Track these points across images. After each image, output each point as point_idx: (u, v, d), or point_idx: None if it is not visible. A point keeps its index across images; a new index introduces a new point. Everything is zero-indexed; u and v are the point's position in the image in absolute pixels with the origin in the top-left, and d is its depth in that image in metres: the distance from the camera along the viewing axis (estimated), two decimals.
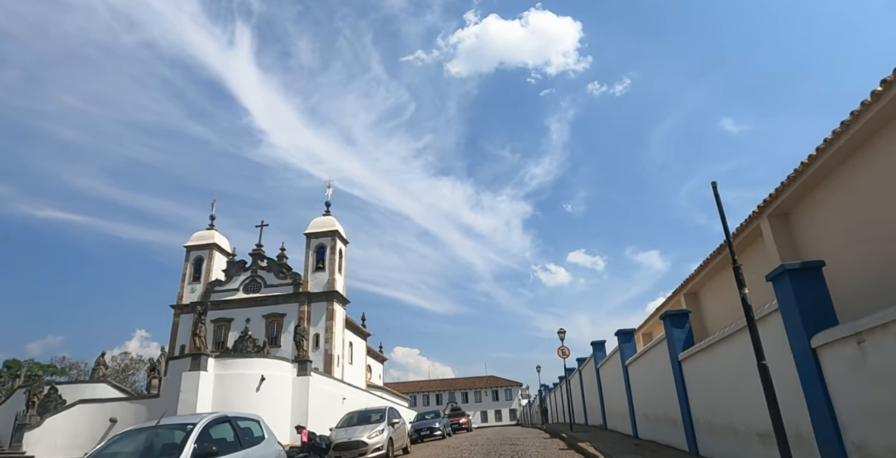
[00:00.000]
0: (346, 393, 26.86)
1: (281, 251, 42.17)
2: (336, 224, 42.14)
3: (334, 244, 41.18)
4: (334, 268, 40.30)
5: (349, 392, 27.59)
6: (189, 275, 42.36)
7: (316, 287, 39.86)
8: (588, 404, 21.24)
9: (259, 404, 18.89)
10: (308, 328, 38.62)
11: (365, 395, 32.05)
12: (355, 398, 28.84)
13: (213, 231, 44.36)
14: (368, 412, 14.55)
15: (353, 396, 28.83)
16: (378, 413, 14.00)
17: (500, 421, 77.75)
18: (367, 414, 14.28)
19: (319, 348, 38.10)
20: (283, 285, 40.19)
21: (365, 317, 53.60)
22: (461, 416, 32.00)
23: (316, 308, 39.27)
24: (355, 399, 28.81)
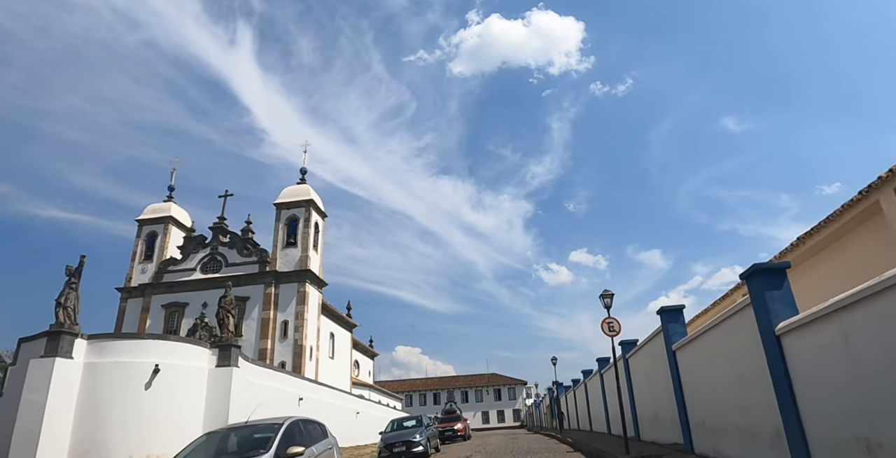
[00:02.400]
0: (306, 392, 21.36)
1: (246, 225, 36.63)
2: (311, 193, 36.54)
3: (308, 216, 35.58)
4: (308, 244, 34.72)
5: (310, 391, 22.05)
6: (140, 253, 36.86)
7: (286, 266, 34.31)
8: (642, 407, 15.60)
9: (150, 405, 13.33)
10: (274, 314, 33.15)
11: (339, 396, 26.54)
12: (321, 400, 23.31)
13: (170, 203, 38.83)
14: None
15: (319, 396, 23.30)
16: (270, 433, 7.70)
17: (502, 422, 72.23)
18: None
19: (287, 338, 32.59)
20: (247, 263, 34.67)
21: (350, 306, 48.15)
22: (456, 420, 26.41)
23: (285, 291, 33.73)
24: (321, 401, 23.29)
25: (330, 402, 24.57)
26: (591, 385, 20.63)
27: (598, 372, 18.73)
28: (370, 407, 32.09)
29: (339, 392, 27.03)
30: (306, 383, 22.41)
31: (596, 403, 19.84)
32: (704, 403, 8.86)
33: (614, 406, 16.39)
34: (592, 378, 20.43)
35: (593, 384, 20.31)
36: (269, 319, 32.69)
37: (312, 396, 22.38)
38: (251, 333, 32.71)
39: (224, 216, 36.93)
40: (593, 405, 20.59)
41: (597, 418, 19.98)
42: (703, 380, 8.91)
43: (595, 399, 19.92)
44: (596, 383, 19.41)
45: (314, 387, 23.17)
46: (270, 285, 33.63)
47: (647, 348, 12.03)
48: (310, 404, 21.71)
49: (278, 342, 32.49)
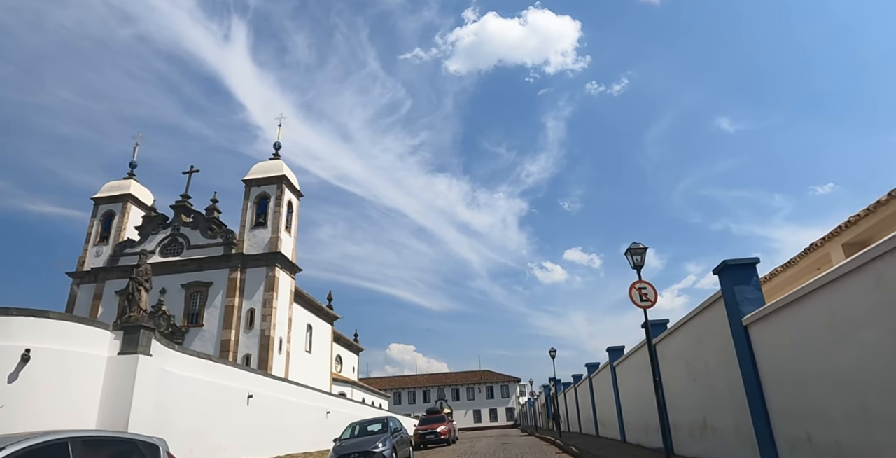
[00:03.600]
0: (258, 388, 17.77)
1: (212, 203, 32.93)
2: (284, 169, 32.86)
3: (281, 194, 31.92)
4: (279, 224, 31.06)
5: (265, 387, 18.44)
6: (95, 234, 33.12)
7: (254, 248, 30.65)
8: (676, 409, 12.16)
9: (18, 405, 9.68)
10: (239, 302, 29.48)
11: (305, 394, 22.90)
12: (279, 397, 19.70)
13: (130, 181, 35.07)
14: None
15: (278, 393, 19.69)
16: None
17: (495, 422, 68.76)
18: None
19: (254, 328, 28.93)
20: (211, 245, 30.97)
21: (332, 296, 44.51)
22: (439, 422, 22.80)
23: (252, 275, 30.07)
24: (280, 399, 19.69)
25: (292, 400, 20.95)
26: (600, 381, 17.11)
27: (608, 365, 15.20)
28: (346, 406, 28.50)
29: (307, 390, 23.43)
30: (260, 377, 18.78)
31: (605, 402, 16.33)
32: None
33: (634, 407, 12.83)
34: (601, 373, 16.92)
35: (602, 379, 16.80)
36: (234, 307, 29.05)
37: (268, 393, 18.75)
38: (213, 322, 29.06)
39: (188, 194, 33.24)
40: (602, 404, 17.09)
41: (606, 420, 16.47)
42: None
43: (604, 398, 16.40)
44: (605, 378, 15.88)
45: (271, 383, 19.54)
46: (236, 269, 29.96)
47: (700, 321, 8.48)
48: (263, 402, 18.12)
49: (243, 333, 28.85)
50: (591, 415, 18.56)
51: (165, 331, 29.02)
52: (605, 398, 16.04)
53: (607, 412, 16.11)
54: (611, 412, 15.40)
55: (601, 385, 16.82)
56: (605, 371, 15.84)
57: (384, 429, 13.16)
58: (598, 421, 17.85)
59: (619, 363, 14.17)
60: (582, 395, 21.05)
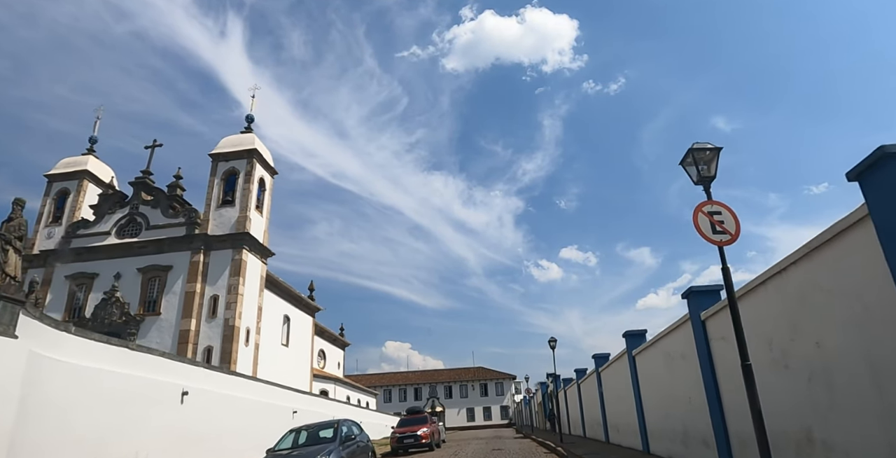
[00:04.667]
0: (197, 384, 14.52)
1: (175, 180, 29.57)
2: (256, 142, 29.55)
3: (251, 170, 28.62)
4: (248, 203, 27.76)
5: (207, 383, 15.16)
6: (48, 214, 29.75)
7: (220, 228, 27.35)
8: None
9: None
10: (201, 287, 26.18)
11: (266, 391, 19.64)
12: (228, 394, 16.44)
13: (88, 157, 31.73)
14: None
15: (227, 390, 16.42)
16: None
17: (489, 420, 65.57)
18: None
19: (217, 317, 25.62)
20: (172, 225, 27.64)
21: (313, 287, 41.21)
22: (420, 424, 19.47)
23: (217, 259, 26.77)
24: (228, 396, 16.43)
25: (248, 398, 17.68)
26: (612, 376, 13.90)
27: (624, 353, 11.97)
28: (322, 405, 25.22)
29: (269, 386, 20.17)
30: (201, 370, 15.43)
31: (620, 401, 13.11)
32: None
33: (665, 408, 9.59)
34: (613, 366, 13.70)
35: (615, 373, 13.58)
36: (195, 293, 25.75)
37: (212, 389, 15.47)
38: (172, 310, 25.75)
39: (150, 171, 29.90)
40: (614, 404, 13.87)
41: (620, 424, 13.25)
42: None
43: (619, 396, 13.18)
44: (621, 371, 12.66)
45: (217, 377, 16.24)
46: (199, 251, 26.64)
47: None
48: (204, 400, 14.84)
49: (205, 322, 25.55)
50: (600, 417, 15.34)
51: (118, 320, 25.77)
52: (621, 396, 12.82)
53: (622, 413, 12.90)
54: (628, 415, 12.18)
55: (614, 380, 13.60)
56: (620, 363, 12.61)
57: (334, 436, 9.94)
58: (608, 425, 14.63)
59: (640, 352, 10.94)
60: (587, 392, 17.84)
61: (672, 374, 9.06)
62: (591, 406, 17.39)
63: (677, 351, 8.70)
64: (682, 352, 8.46)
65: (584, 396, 18.57)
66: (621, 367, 12.44)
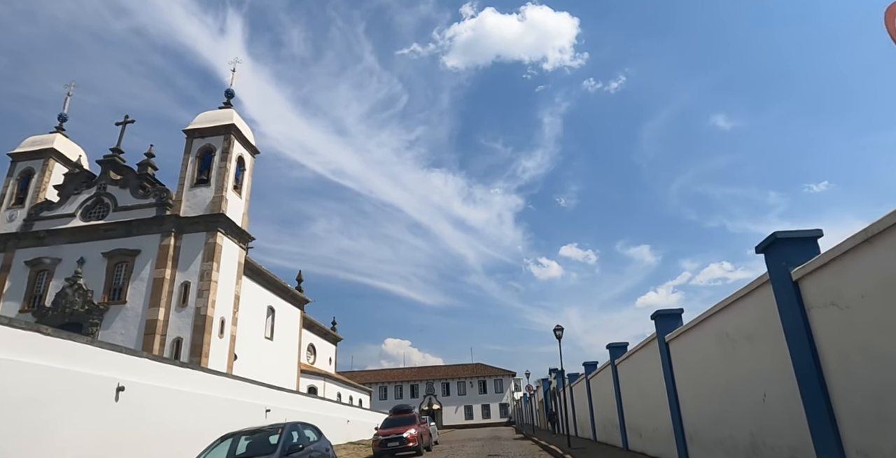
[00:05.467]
0: (136, 378, 12.11)
1: (146, 158, 27.09)
2: (235, 117, 27.08)
3: (228, 147, 26.14)
4: (225, 182, 25.28)
5: (151, 377, 12.73)
6: (11, 196, 27.24)
7: (193, 209, 24.88)
8: None
9: None
10: (171, 273, 23.72)
11: (232, 387, 17.20)
12: (181, 391, 13.99)
13: (56, 135, 29.25)
14: None
15: (178, 385, 13.97)
16: None
17: (487, 418, 63.17)
18: None
19: (188, 305, 23.16)
20: (142, 206, 25.16)
21: (302, 277, 38.75)
22: (408, 424, 16.98)
23: (189, 242, 24.29)
24: (181, 392, 13.99)
25: (207, 395, 15.22)
26: (632, 369, 11.43)
27: (653, 340, 9.50)
28: (303, 403, 22.77)
29: (238, 381, 17.74)
30: (145, 362, 12.97)
31: (644, 400, 10.65)
32: None
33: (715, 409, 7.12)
34: (635, 357, 11.23)
35: (635, 366, 11.12)
36: (164, 279, 23.29)
37: (158, 384, 13.02)
38: (139, 298, 23.29)
39: (120, 149, 27.43)
40: (636, 403, 11.40)
41: (643, 427, 10.78)
42: None
43: (643, 392, 10.72)
44: (646, 363, 10.19)
45: (168, 371, 13.76)
46: (169, 234, 24.17)
47: None
48: (147, 397, 12.41)
49: (175, 312, 23.09)
50: (616, 417, 12.86)
51: (79, 309, 23.31)
52: (646, 393, 10.34)
53: (647, 414, 10.44)
54: (656, 416, 9.71)
55: (636, 374, 11.14)
56: (647, 352, 10.14)
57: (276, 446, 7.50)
58: (626, 427, 12.16)
59: (677, 336, 8.47)
60: (599, 389, 15.37)
61: (731, 362, 6.60)
62: (603, 405, 14.93)
63: (742, 330, 6.25)
64: (752, 331, 6.01)
65: (594, 393, 16.10)
66: (648, 357, 9.98)
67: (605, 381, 14.11)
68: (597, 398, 15.76)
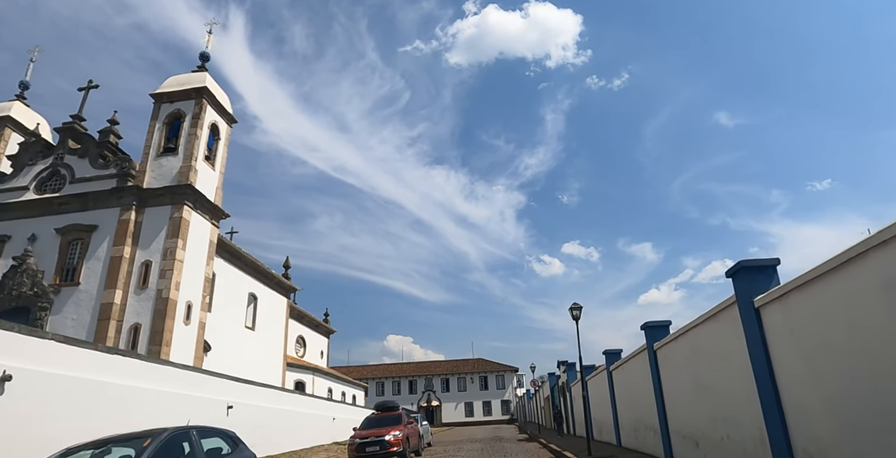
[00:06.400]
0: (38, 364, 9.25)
1: (109, 125, 24.11)
2: (208, 80, 24.08)
3: (200, 113, 23.15)
4: (195, 151, 22.32)
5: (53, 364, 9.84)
6: None
7: (158, 181, 21.93)
8: None
9: None
10: (131, 251, 20.79)
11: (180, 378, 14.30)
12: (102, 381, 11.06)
13: (14, 102, 26.35)
14: None
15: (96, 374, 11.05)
16: None
17: (488, 416, 60.20)
18: None
19: (148, 287, 20.21)
20: (101, 177, 22.19)
21: (289, 264, 35.82)
22: (392, 425, 13.87)
23: (152, 217, 21.34)
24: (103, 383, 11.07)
25: (147, 388, 12.30)
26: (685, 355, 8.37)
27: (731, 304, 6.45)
28: (274, 399, 19.82)
29: (191, 372, 14.80)
30: (48, 344, 10.02)
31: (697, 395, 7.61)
32: None
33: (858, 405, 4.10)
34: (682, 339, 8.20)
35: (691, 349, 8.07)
36: (122, 258, 20.35)
37: (71, 373, 10.10)
38: (94, 279, 20.35)
39: (82, 116, 24.47)
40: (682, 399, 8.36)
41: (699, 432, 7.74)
42: None
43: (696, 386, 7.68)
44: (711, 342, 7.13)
45: (84, 357, 10.83)
46: (130, 207, 21.21)
47: None
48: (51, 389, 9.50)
49: (133, 294, 20.14)
50: (655, 420, 9.82)
51: (28, 292, 20.37)
52: (707, 386, 7.31)
53: (707, 415, 7.40)
54: (724, 419, 6.68)
55: (688, 361, 8.12)
56: (710, 327, 7.08)
57: None
58: (670, 432, 9.13)
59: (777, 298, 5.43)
60: (627, 382, 12.34)
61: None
62: (631, 403, 11.93)
63: None
64: None
65: (619, 387, 13.08)
66: (713, 334, 6.96)
67: (636, 371, 11.08)
68: (624, 394, 12.73)
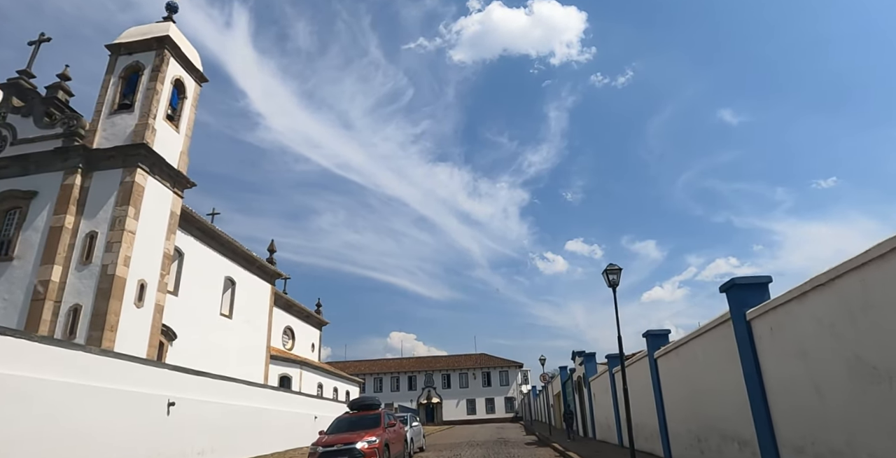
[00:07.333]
0: None
1: (59, 80, 20.92)
2: (172, 30, 20.83)
3: (161, 65, 19.90)
4: (153, 108, 19.07)
5: None
6: None
7: (110, 141, 18.70)
8: None
9: None
10: (75, 221, 17.60)
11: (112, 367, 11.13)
12: None
13: None
14: None
15: None
16: None
17: (491, 413, 56.89)
18: None
19: (92, 262, 17.02)
20: (46, 138, 18.98)
21: (275, 247, 32.60)
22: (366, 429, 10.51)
23: (101, 182, 18.10)
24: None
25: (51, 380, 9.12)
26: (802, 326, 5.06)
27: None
28: (234, 394, 16.60)
29: (114, 360, 11.61)
30: None
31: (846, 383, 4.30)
32: None
33: None
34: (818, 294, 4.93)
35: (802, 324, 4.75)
36: (64, 228, 17.16)
37: None
38: (31, 253, 17.13)
39: (31, 72, 21.27)
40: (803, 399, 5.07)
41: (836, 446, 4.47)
42: None
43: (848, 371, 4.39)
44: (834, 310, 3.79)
45: None
46: (75, 170, 18.00)
47: None
48: None
49: (75, 271, 16.93)
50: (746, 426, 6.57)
51: None
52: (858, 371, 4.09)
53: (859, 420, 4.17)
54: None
55: (828, 333, 4.87)
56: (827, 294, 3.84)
57: None
58: (778, 444, 5.87)
59: None
60: (680, 374, 9.07)
61: None
62: (691, 401, 8.64)
63: None
64: None
65: (666, 381, 9.80)
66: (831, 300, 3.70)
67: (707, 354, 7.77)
68: (678, 388, 9.42)
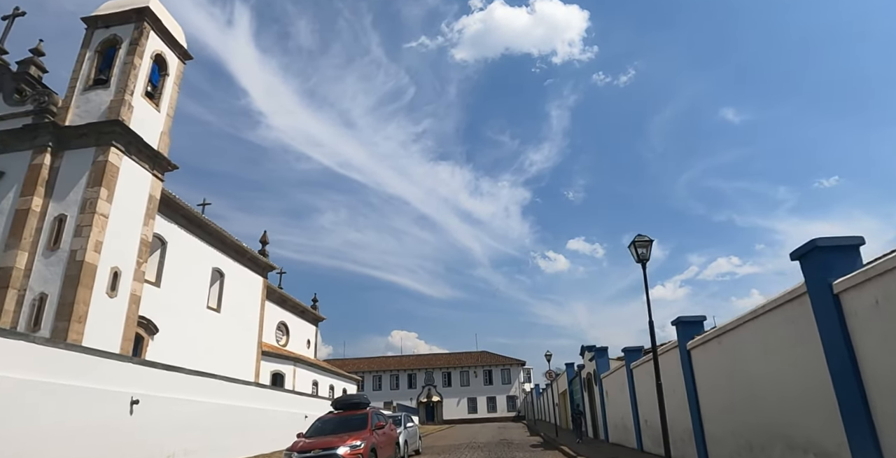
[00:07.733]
0: None
1: (32, 55, 19.49)
2: (153, 2, 19.40)
3: (140, 38, 18.43)
4: (131, 83, 17.59)
5: None
6: None
7: (84, 118, 17.23)
8: None
9: None
10: (43, 203, 16.16)
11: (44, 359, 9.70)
12: None
13: None
14: None
15: None
16: None
17: (493, 412, 55.41)
18: None
19: (60, 248, 15.58)
20: (16, 115, 17.54)
21: (267, 239, 31.15)
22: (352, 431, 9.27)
23: (73, 162, 16.64)
24: None
25: None
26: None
27: None
28: (212, 391, 15.15)
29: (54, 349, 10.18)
30: None
31: None
32: None
33: None
34: None
35: None
36: (30, 211, 15.73)
37: None
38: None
39: (3, 48, 19.87)
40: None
41: None
42: None
43: None
44: None
45: None
46: (44, 149, 16.54)
47: None
48: None
49: (42, 257, 15.48)
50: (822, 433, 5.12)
51: None
52: None
53: None
54: None
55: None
56: None
57: None
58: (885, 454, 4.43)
59: None
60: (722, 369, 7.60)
61: None
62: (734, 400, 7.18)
63: None
64: None
65: (701, 376, 8.33)
66: None
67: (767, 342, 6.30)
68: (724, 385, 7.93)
